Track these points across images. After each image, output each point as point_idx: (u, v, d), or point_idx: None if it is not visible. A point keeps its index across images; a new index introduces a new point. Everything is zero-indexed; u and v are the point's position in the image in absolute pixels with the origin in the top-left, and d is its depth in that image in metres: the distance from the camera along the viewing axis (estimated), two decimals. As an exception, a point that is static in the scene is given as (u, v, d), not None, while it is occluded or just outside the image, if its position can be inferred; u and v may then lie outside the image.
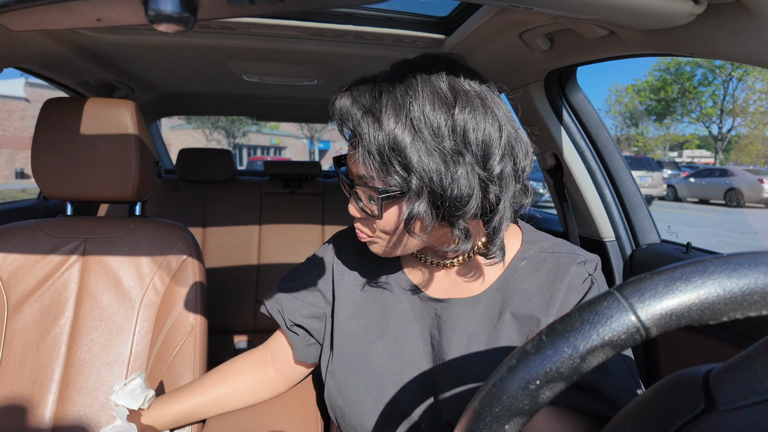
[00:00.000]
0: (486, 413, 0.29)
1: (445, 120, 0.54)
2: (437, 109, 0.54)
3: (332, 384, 0.72)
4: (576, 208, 1.39)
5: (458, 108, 0.55)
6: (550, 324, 0.30)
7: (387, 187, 0.56)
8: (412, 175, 0.54)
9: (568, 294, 0.63)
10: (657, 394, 0.33)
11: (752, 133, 24.65)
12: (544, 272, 0.66)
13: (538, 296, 0.64)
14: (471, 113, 0.55)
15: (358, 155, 0.57)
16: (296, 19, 1.08)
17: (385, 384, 0.67)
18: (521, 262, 0.68)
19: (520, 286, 0.66)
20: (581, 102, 1.29)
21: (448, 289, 0.70)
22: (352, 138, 0.58)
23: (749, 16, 0.58)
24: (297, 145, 35.53)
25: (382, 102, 0.55)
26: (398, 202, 0.58)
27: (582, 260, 0.66)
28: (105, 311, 1.03)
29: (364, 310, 0.74)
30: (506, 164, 0.58)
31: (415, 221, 0.57)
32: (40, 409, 0.96)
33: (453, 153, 0.55)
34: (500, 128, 0.57)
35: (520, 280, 0.66)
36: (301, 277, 0.82)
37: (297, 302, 0.79)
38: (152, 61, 1.49)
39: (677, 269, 0.28)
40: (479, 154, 0.56)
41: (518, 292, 0.65)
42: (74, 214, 1.15)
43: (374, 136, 0.55)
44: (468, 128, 0.55)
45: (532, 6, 0.64)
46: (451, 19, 1.15)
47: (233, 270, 2.15)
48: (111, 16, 0.51)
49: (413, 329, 0.69)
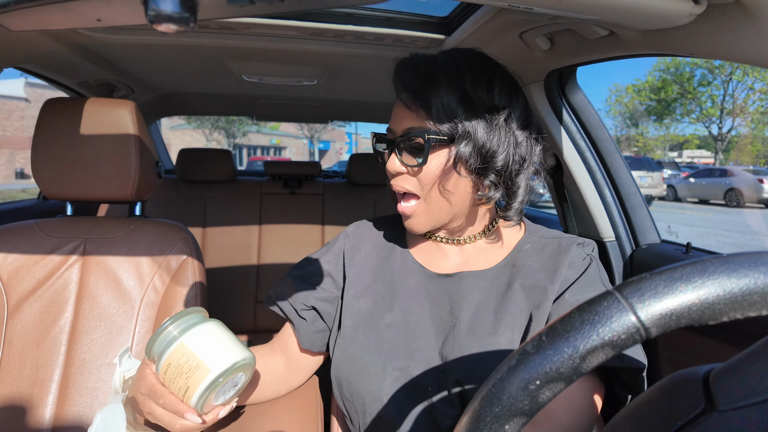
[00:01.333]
0: (486, 413, 0.29)
1: (490, 86, 0.67)
2: (485, 80, 0.67)
3: (340, 357, 0.74)
4: (576, 208, 1.39)
5: (498, 79, 0.68)
6: (550, 324, 0.30)
7: (438, 131, 0.65)
8: (460, 122, 0.65)
9: (569, 269, 0.70)
10: (657, 394, 0.33)
11: (752, 133, 24.67)
12: (547, 252, 0.74)
13: (543, 271, 0.71)
14: (511, 86, 0.69)
15: (415, 106, 0.66)
16: (296, 19, 1.08)
17: (393, 352, 0.70)
18: (526, 245, 0.76)
19: (526, 263, 0.73)
20: (581, 102, 1.29)
21: (457, 267, 0.76)
22: (413, 95, 0.67)
23: (749, 16, 0.58)
24: (297, 145, 35.54)
25: (439, 68, 0.67)
26: (446, 147, 0.66)
27: (581, 242, 0.74)
28: (105, 311, 1.03)
29: (372, 288, 0.77)
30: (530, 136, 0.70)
31: (460, 164, 0.66)
32: (40, 409, 0.96)
33: (496, 109, 0.66)
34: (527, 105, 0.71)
35: (526, 258, 0.74)
36: (312, 264, 0.83)
37: (309, 286, 0.80)
38: (152, 61, 1.49)
39: (677, 269, 0.28)
40: (519, 117, 0.68)
41: (525, 267, 0.72)
42: (74, 214, 1.15)
43: (444, 94, 0.65)
44: (511, 96, 0.68)
45: (532, 6, 0.64)
46: (451, 19, 1.15)
47: (233, 270, 2.15)
48: (111, 16, 0.51)
49: (421, 303, 0.73)
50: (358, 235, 0.85)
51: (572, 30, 0.91)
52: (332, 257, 0.83)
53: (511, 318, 0.67)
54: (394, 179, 0.71)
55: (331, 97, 2.05)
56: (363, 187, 2.34)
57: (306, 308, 0.79)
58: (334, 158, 35.64)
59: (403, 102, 0.69)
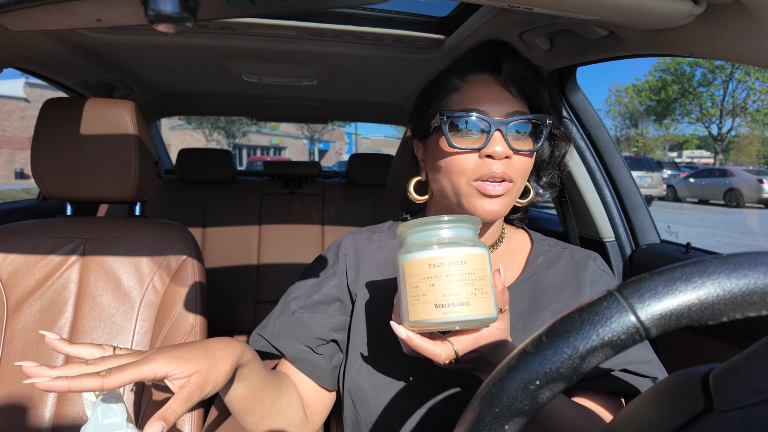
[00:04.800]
0: (486, 413, 0.29)
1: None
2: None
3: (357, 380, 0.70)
4: (576, 209, 1.39)
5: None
6: (549, 324, 0.30)
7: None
8: (554, 118, 0.69)
9: (592, 287, 0.72)
10: (657, 394, 0.33)
11: (752, 133, 24.66)
12: (562, 265, 0.74)
13: (566, 288, 0.71)
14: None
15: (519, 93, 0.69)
16: (296, 19, 1.08)
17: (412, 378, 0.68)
18: (538, 258, 0.75)
19: (546, 280, 0.72)
20: (581, 102, 1.29)
21: None
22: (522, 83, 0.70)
23: (749, 16, 0.58)
24: (297, 145, 35.54)
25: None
26: (544, 139, 0.68)
27: (594, 256, 0.76)
28: (105, 311, 1.03)
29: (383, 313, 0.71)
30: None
31: (552, 161, 0.75)
32: (39, 409, 0.96)
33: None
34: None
35: (544, 275, 0.73)
36: (316, 291, 0.75)
37: (323, 317, 0.73)
38: (152, 61, 1.49)
39: (677, 269, 0.28)
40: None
41: (547, 286, 0.72)
42: (74, 214, 1.15)
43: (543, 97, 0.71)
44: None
45: (532, 6, 0.64)
46: (451, 19, 1.15)
47: (233, 270, 2.15)
48: (111, 16, 0.51)
49: None
50: (356, 251, 0.78)
51: (572, 30, 0.91)
52: (337, 281, 0.75)
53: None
54: (495, 164, 0.63)
55: (331, 97, 2.05)
56: (363, 187, 2.34)
57: (323, 342, 0.72)
58: (334, 158, 35.64)
59: (503, 86, 0.68)
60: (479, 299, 0.49)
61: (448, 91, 0.69)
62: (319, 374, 0.72)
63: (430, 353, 0.52)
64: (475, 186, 0.64)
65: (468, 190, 0.65)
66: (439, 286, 0.49)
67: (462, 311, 0.49)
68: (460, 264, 0.50)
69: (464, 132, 0.64)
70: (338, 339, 0.73)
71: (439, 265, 0.50)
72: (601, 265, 0.75)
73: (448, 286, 0.49)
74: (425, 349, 0.52)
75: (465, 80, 0.68)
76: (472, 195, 0.65)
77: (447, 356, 0.52)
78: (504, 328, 0.55)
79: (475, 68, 0.69)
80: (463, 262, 0.50)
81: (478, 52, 0.71)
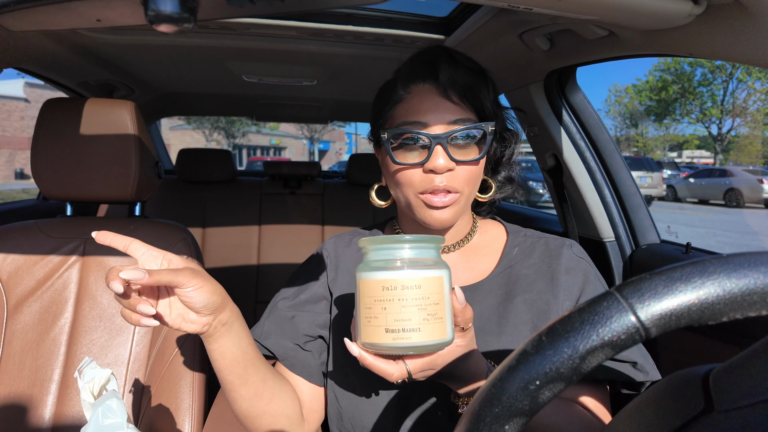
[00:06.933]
0: (486, 413, 0.29)
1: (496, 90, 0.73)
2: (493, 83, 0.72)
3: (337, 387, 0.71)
4: (576, 209, 1.39)
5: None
6: (550, 324, 0.30)
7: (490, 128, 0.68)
8: (500, 121, 0.71)
9: (567, 275, 0.71)
10: (657, 394, 0.33)
11: (752, 133, 24.67)
12: (537, 255, 0.74)
13: (540, 279, 0.71)
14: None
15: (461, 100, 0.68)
16: (296, 20, 1.08)
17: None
18: (513, 250, 0.75)
19: (521, 272, 0.72)
20: (581, 102, 1.29)
21: None
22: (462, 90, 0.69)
23: (749, 16, 0.59)
24: (297, 145, 35.54)
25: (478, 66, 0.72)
26: (489, 144, 0.68)
27: (569, 243, 0.75)
28: (105, 311, 1.03)
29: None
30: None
31: (503, 161, 0.74)
32: (39, 409, 0.96)
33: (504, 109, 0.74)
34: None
35: (519, 266, 0.73)
36: (303, 290, 0.77)
37: (309, 315, 0.75)
38: (152, 61, 1.49)
39: (677, 269, 0.28)
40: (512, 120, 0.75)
41: (521, 278, 0.72)
42: (74, 214, 1.15)
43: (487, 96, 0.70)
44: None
45: (532, 6, 0.64)
46: (450, 19, 1.15)
47: (233, 270, 2.15)
48: (111, 17, 0.51)
49: None
50: (335, 252, 0.80)
51: (572, 30, 0.91)
52: (321, 280, 0.78)
53: (515, 329, 0.67)
54: (438, 177, 0.64)
55: (331, 97, 2.05)
56: (363, 187, 2.34)
57: (311, 339, 0.74)
58: (333, 158, 35.63)
59: (443, 94, 0.66)
60: (432, 325, 0.48)
61: (394, 102, 0.70)
62: (308, 371, 0.73)
63: (382, 372, 0.52)
64: (422, 198, 0.66)
65: (416, 202, 0.67)
66: (391, 311, 0.48)
67: (412, 337, 0.48)
68: (415, 288, 0.48)
69: (407, 147, 0.66)
70: (324, 335, 0.75)
71: (393, 288, 0.48)
72: (578, 252, 0.74)
73: (399, 311, 0.48)
74: (377, 367, 0.52)
75: (408, 90, 0.68)
76: (420, 206, 0.67)
77: (399, 375, 0.52)
78: (464, 344, 0.54)
79: (417, 77, 0.68)
80: (418, 287, 0.48)
81: (417, 60, 0.70)
